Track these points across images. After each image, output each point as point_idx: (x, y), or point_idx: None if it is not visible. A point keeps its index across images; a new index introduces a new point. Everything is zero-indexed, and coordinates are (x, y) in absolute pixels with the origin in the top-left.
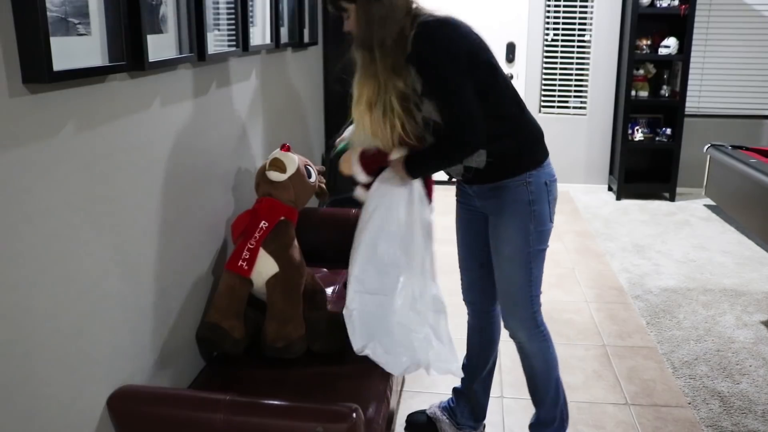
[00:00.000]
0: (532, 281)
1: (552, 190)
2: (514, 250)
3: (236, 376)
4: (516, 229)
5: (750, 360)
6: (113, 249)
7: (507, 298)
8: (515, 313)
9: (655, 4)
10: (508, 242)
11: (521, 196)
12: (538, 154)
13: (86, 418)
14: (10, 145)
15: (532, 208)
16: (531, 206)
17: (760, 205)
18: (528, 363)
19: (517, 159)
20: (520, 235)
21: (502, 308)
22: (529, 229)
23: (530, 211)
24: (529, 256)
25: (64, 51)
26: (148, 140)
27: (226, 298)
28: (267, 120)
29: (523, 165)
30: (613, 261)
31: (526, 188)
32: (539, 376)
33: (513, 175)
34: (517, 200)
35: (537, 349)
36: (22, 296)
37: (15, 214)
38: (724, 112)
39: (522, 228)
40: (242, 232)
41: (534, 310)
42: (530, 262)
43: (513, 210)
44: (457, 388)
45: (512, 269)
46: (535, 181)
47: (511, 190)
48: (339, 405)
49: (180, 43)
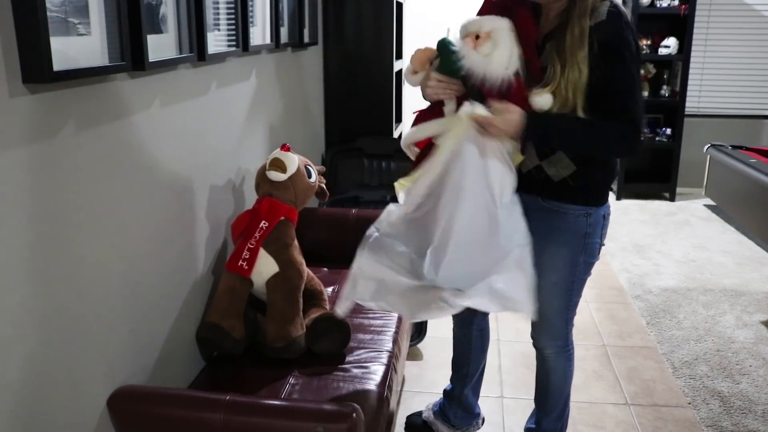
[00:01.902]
0: (570, 307)
1: (607, 224)
2: (559, 279)
3: (236, 376)
4: (565, 259)
5: (750, 360)
6: (113, 249)
7: (542, 319)
8: (549, 332)
9: (655, 4)
10: (554, 270)
11: (579, 227)
12: (606, 192)
13: (86, 418)
14: (10, 145)
15: (586, 241)
16: (585, 239)
17: (760, 205)
18: (546, 375)
19: (595, 191)
20: (568, 265)
21: (534, 326)
22: (579, 261)
23: (584, 243)
24: (573, 284)
25: (64, 51)
26: (148, 140)
27: (226, 298)
28: (267, 120)
29: (596, 198)
30: (613, 261)
31: (585, 220)
32: (554, 389)
33: (579, 203)
34: (574, 231)
35: (561, 365)
36: (23, 296)
37: (15, 214)
38: (724, 112)
39: (572, 259)
40: (242, 232)
41: (567, 330)
42: (572, 290)
43: (566, 240)
44: (447, 390)
45: (553, 295)
46: (595, 213)
47: (569, 218)
48: (339, 405)
49: (180, 43)
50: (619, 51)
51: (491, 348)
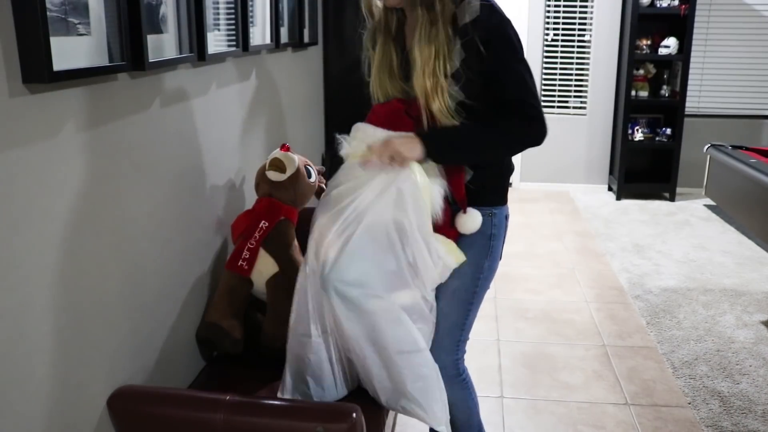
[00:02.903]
0: (466, 325)
1: (507, 227)
2: (460, 285)
3: (236, 376)
4: (469, 263)
5: (750, 360)
6: (113, 249)
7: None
8: (438, 355)
9: (655, 4)
10: (458, 275)
11: (484, 228)
12: (506, 189)
13: (86, 418)
14: (10, 145)
15: (491, 243)
16: (490, 241)
17: (760, 205)
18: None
19: (496, 187)
20: (472, 269)
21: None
22: (483, 265)
23: (489, 246)
24: (474, 295)
25: (64, 51)
26: (148, 140)
27: (226, 298)
28: (267, 120)
29: (497, 196)
30: (613, 261)
31: (490, 220)
32: (460, 424)
33: (482, 204)
34: (480, 232)
35: (458, 397)
36: (22, 296)
37: (15, 214)
38: (724, 112)
39: (476, 263)
40: (242, 232)
41: (457, 357)
42: (471, 302)
43: (470, 242)
44: None
45: (452, 305)
46: (499, 213)
47: None
48: (339, 405)
49: (180, 43)
50: (500, 45)
51: (491, 348)
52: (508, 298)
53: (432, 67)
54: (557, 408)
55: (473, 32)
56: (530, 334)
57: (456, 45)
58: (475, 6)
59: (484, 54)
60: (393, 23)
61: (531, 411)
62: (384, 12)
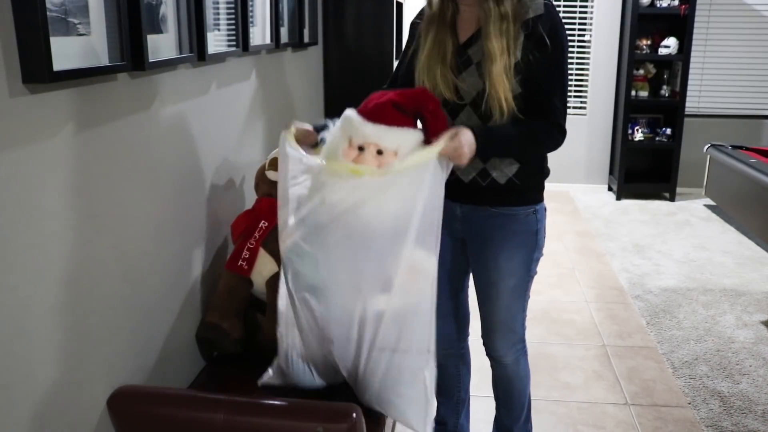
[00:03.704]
0: (525, 307)
1: (546, 216)
2: (517, 281)
3: (236, 376)
4: (522, 260)
5: (750, 360)
6: (113, 249)
7: (503, 326)
8: (509, 339)
9: (655, 4)
10: (512, 274)
11: (530, 226)
12: (543, 187)
13: (86, 418)
14: (10, 145)
15: (537, 237)
16: (537, 235)
17: (760, 205)
18: (509, 382)
19: (536, 187)
20: (524, 265)
21: (493, 335)
22: (533, 258)
23: (536, 240)
24: (528, 283)
25: (64, 51)
26: (148, 140)
27: (226, 298)
28: (267, 120)
29: (538, 194)
30: (613, 261)
31: (534, 217)
32: (519, 394)
33: (526, 203)
34: (527, 231)
35: (523, 368)
36: (22, 296)
37: (15, 214)
38: (724, 112)
39: (527, 259)
40: (242, 232)
41: (524, 331)
42: (528, 289)
43: (522, 241)
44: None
45: (512, 299)
46: (539, 209)
47: (520, 219)
48: (339, 405)
49: (180, 43)
50: (555, 47)
51: None
52: None
53: (505, 61)
54: (557, 408)
55: (537, 27)
56: (530, 334)
57: (520, 39)
58: (539, 2)
59: (546, 48)
60: (449, 14)
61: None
62: (441, 3)
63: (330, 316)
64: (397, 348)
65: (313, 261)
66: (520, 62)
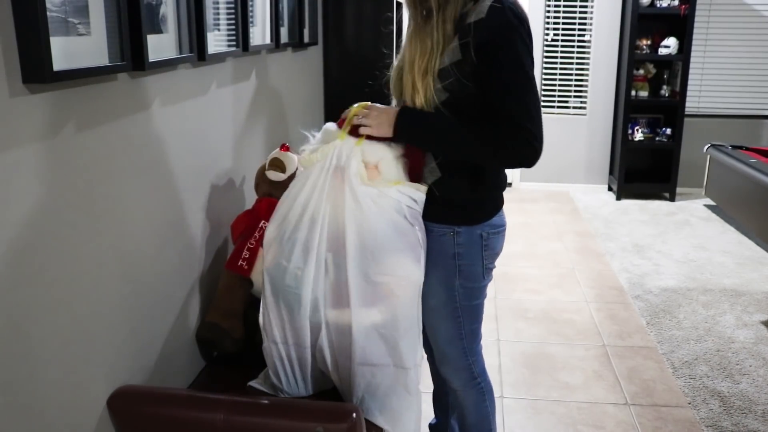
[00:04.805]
0: (464, 335)
1: (491, 243)
2: (437, 304)
3: (236, 376)
4: (439, 282)
5: (750, 360)
6: (113, 249)
7: (436, 348)
8: (446, 363)
9: (655, 4)
10: (431, 295)
11: (446, 248)
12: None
13: (86, 418)
14: (10, 145)
15: (458, 263)
16: (456, 260)
17: (760, 205)
18: (460, 411)
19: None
20: (444, 288)
21: (437, 357)
22: (455, 285)
23: (455, 265)
24: (457, 310)
25: (64, 51)
26: (148, 140)
27: (226, 298)
28: (267, 120)
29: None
30: (613, 261)
31: (453, 239)
32: (471, 428)
33: (444, 221)
34: (440, 251)
35: (471, 400)
36: (22, 296)
37: (15, 214)
38: (724, 112)
39: (446, 282)
40: (242, 232)
41: (469, 362)
42: (459, 316)
43: (435, 261)
44: (433, 424)
45: (438, 322)
46: (466, 233)
47: (434, 237)
48: (339, 405)
49: (180, 43)
50: (494, 52)
51: (492, 348)
52: (508, 298)
53: (421, 64)
54: (557, 408)
55: (472, 34)
56: (530, 334)
57: (453, 44)
58: (484, 6)
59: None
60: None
61: (531, 411)
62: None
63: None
64: (383, 363)
65: (293, 276)
66: (448, 67)
